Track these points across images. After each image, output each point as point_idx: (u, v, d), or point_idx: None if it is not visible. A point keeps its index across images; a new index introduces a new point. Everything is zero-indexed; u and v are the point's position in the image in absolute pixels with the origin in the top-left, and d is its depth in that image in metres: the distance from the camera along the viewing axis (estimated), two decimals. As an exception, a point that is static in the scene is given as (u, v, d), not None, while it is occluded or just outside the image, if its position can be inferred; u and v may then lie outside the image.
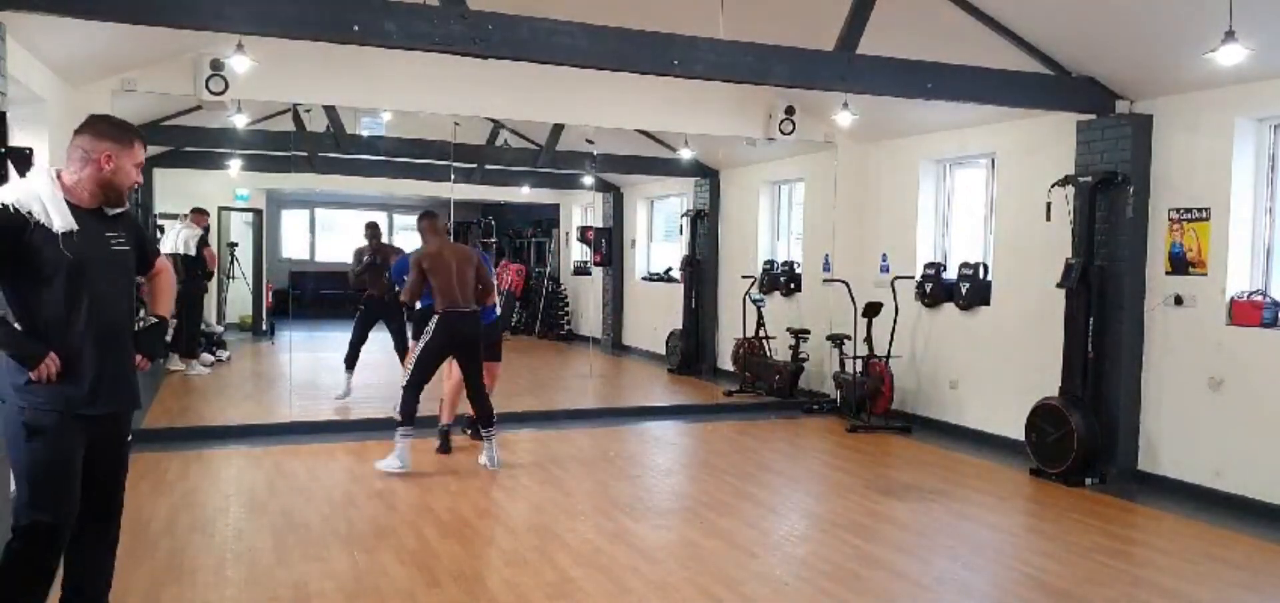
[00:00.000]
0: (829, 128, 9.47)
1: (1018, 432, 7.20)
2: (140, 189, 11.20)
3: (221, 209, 13.09)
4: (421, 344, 6.70)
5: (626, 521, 5.68)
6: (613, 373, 9.75)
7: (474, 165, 11.31)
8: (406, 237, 16.68)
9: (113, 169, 3.19)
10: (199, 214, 10.99)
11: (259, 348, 13.15)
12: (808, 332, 10.03)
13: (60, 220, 3.08)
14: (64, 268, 3.09)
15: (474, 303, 6.71)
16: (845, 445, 8.04)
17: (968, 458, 7.59)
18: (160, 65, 7.50)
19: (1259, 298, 6.21)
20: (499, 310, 7.64)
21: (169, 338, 11.03)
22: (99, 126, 3.24)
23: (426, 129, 10.18)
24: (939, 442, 8.18)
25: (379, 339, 14.25)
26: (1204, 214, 6.40)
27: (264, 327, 13.41)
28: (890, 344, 8.82)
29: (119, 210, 3.30)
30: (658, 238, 14.15)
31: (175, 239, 10.74)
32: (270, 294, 13.60)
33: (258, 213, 13.34)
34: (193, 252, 10.64)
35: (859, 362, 8.99)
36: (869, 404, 8.86)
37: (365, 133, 10.44)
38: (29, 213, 3.04)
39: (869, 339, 8.91)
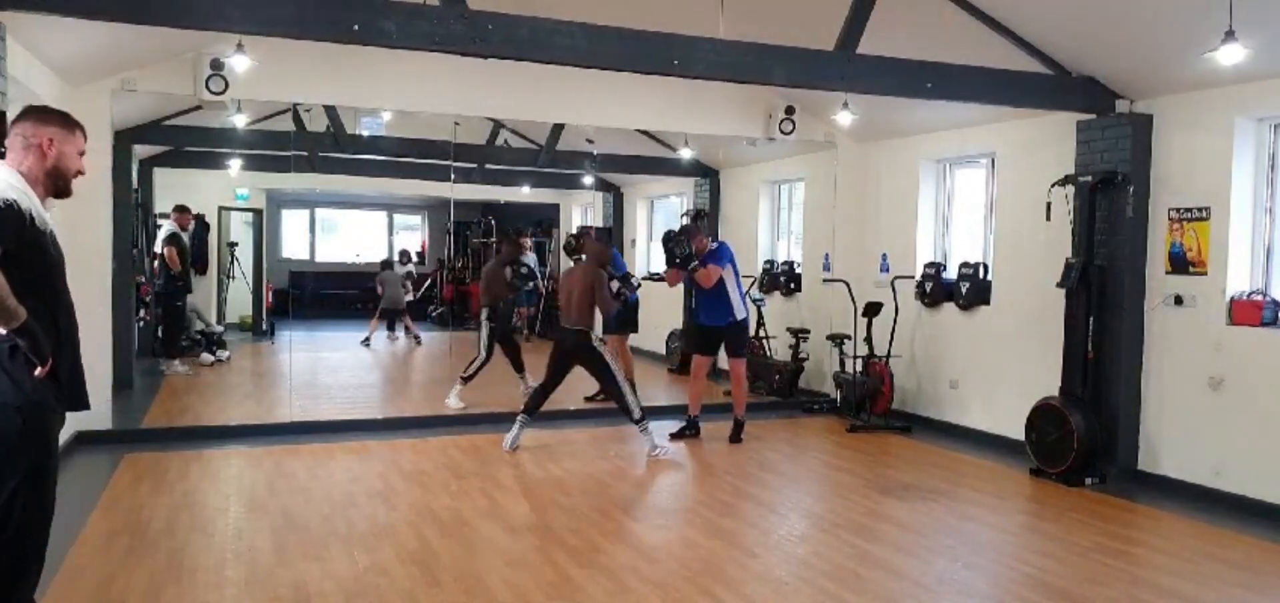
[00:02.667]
0: (829, 128, 9.47)
1: (1018, 432, 7.20)
2: (141, 189, 11.25)
3: (221, 209, 13.12)
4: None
5: (626, 521, 5.68)
6: (613, 373, 9.72)
7: (474, 165, 11.33)
8: (407, 236, 16.71)
9: (56, 155, 3.06)
10: (180, 213, 10.83)
11: (259, 348, 13.14)
12: (808, 331, 10.04)
13: (46, 218, 2.96)
14: (50, 268, 2.99)
15: (575, 320, 7.34)
16: (845, 445, 8.03)
17: (968, 458, 7.59)
18: (160, 65, 7.51)
19: (1259, 298, 6.20)
20: (735, 314, 7.89)
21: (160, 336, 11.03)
22: (41, 113, 3.13)
23: (427, 129, 10.20)
24: (939, 442, 8.18)
25: (382, 339, 14.26)
26: (1204, 214, 6.40)
27: (264, 327, 13.42)
28: (890, 344, 8.82)
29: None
30: (658, 238, 14.12)
31: (159, 239, 10.69)
32: (270, 294, 13.61)
33: (258, 213, 13.34)
34: (159, 249, 10.55)
35: (859, 362, 8.99)
36: (869, 404, 8.85)
37: (365, 133, 10.45)
38: (27, 209, 2.87)
39: (869, 339, 8.90)
